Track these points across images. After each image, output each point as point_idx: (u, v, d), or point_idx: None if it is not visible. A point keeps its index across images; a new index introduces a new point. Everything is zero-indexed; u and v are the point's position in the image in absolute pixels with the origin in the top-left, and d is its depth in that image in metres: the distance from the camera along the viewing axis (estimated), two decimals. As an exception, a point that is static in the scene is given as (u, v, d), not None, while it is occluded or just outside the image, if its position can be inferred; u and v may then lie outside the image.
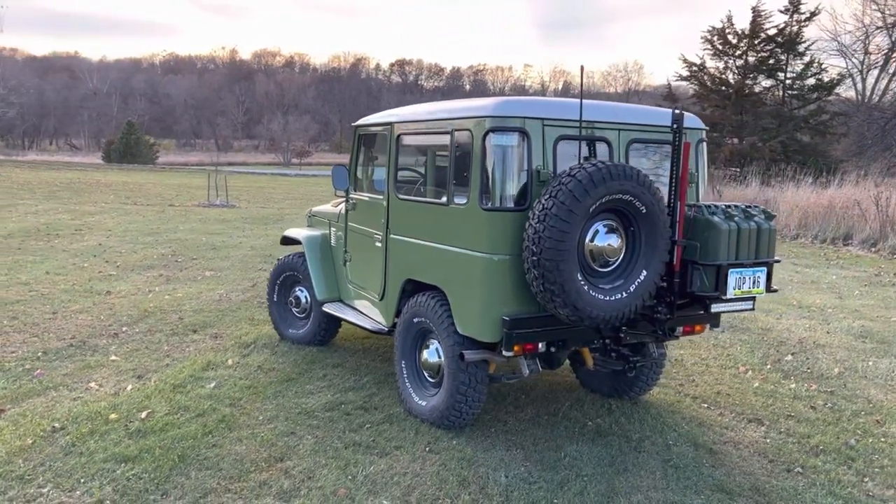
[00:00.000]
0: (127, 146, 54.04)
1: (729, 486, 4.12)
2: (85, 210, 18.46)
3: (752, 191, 20.42)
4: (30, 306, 7.69)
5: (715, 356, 6.79)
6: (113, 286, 8.98)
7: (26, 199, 20.59)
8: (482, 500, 3.82)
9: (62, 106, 77.54)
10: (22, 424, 4.48)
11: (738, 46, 25.24)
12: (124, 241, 13.15)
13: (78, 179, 30.84)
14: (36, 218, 16.20)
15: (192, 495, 3.70)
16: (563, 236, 3.81)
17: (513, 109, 4.23)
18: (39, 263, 10.35)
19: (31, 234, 13.41)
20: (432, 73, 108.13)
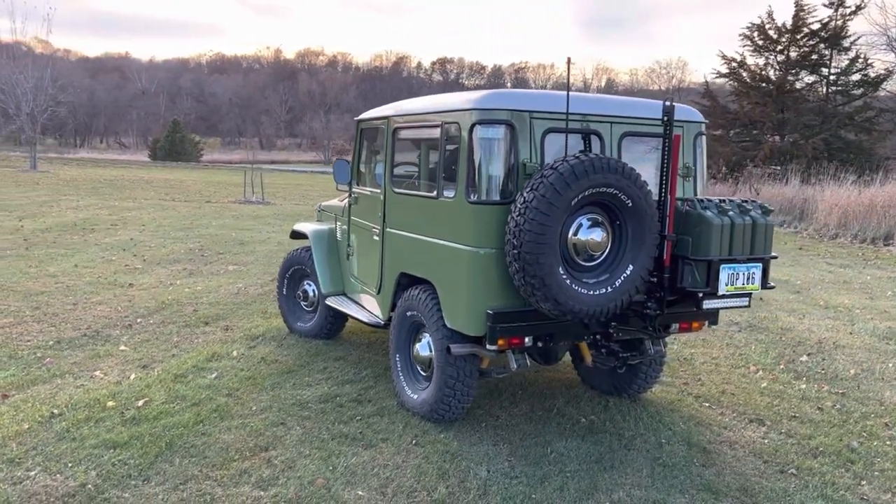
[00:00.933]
0: (172, 144, 55.16)
1: (716, 486, 4.04)
2: (123, 206, 18.89)
3: (791, 189, 19.96)
4: (53, 297, 7.91)
5: (727, 355, 6.65)
6: (136, 279, 9.18)
7: (69, 196, 21.16)
8: (459, 493, 3.81)
9: (112, 105, 79.51)
10: (22, 410, 4.62)
11: (780, 42, 24.68)
12: (156, 235, 13.43)
13: (122, 176, 31.59)
14: (75, 213, 16.64)
15: (172, 481, 3.77)
16: (543, 229, 3.78)
17: (499, 102, 4.20)
18: (70, 256, 10.63)
19: (68, 229, 13.78)
20: (473, 72, 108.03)
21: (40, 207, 17.50)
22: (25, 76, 31.64)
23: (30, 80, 31.64)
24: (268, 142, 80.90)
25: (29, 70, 31.93)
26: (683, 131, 4.73)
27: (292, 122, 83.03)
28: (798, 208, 19.15)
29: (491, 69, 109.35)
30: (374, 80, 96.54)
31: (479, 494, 3.80)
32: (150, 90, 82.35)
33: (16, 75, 31.56)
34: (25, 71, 31.83)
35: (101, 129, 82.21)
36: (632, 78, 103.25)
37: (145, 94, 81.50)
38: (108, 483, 3.70)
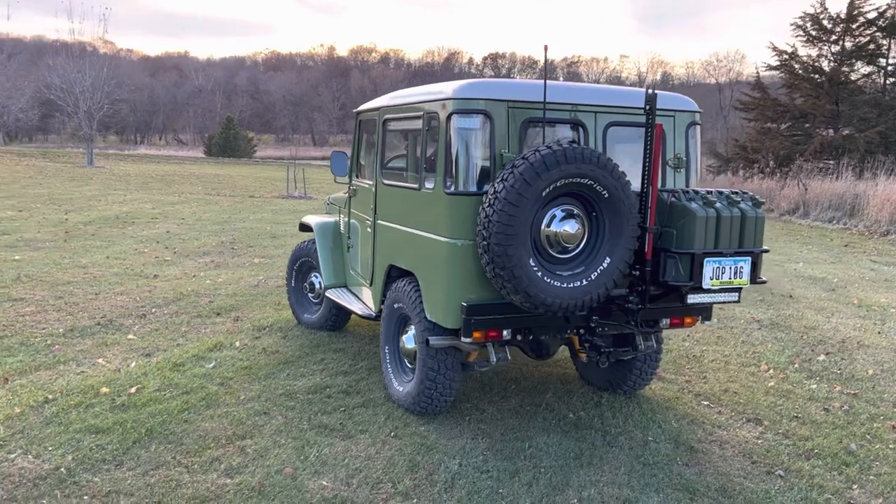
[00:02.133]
0: (226, 141, 56.24)
1: (695, 486, 3.92)
2: (168, 200, 19.36)
3: (842, 184, 19.27)
4: (78, 287, 8.14)
5: (739, 353, 6.46)
6: (162, 271, 9.39)
7: (118, 190, 21.78)
8: (425, 485, 3.79)
9: (170, 102, 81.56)
10: (19, 394, 4.76)
11: (834, 32, 23.81)
12: (192, 229, 13.72)
13: (173, 172, 32.37)
14: (120, 207, 17.12)
15: (144, 467, 3.84)
16: (511, 220, 3.72)
17: (475, 92, 4.15)
18: (104, 248, 10.93)
19: (109, 222, 14.18)
20: (525, 66, 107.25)
21: (88, 201, 18.06)
22: (83, 75, 32.70)
23: (87, 79, 32.68)
24: (320, 138, 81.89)
25: (86, 69, 32.98)
26: (674, 120, 4.60)
27: (344, 118, 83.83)
28: (848, 204, 18.48)
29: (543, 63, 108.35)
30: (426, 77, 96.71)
31: (445, 487, 3.77)
32: (206, 88, 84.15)
33: (74, 74, 32.63)
34: (83, 70, 32.89)
35: (159, 127, 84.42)
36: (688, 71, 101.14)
37: (202, 92, 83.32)
38: (82, 467, 3.79)
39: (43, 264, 9.38)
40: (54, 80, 33.23)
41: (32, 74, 42.44)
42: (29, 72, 46.15)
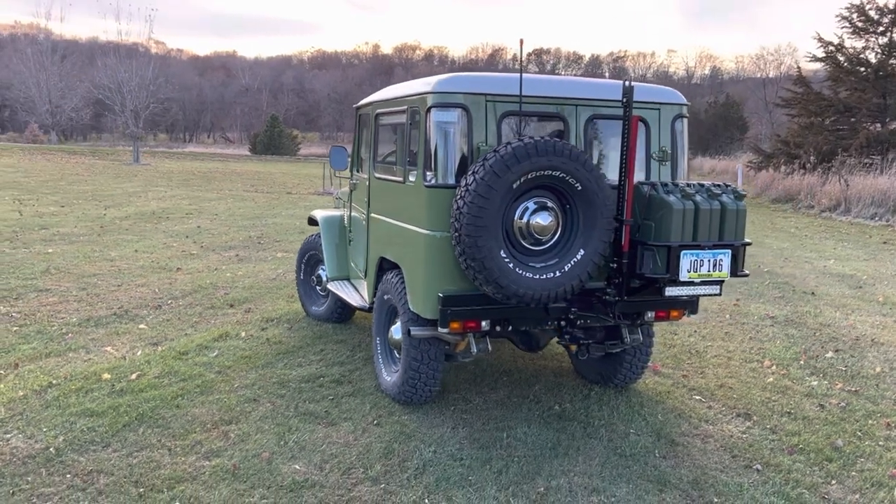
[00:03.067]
0: (271, 138, 57.11)
1: (667, 478, 3.92)
2: (205, 196, 19.81)
3: (886, 180, 18.74)
4: (102, 279, 8.43)
5: (744, 349, 6.39)
6: (186, 264, 9.65)
7: (160, 187, 22.36)
8: (396, 471, 3.87)
9: (218, 101, 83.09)
10: (26, 379, 4.98)
11: (881, 23, 23.12)
12: (223, 224, 14.04)
13: (215, 169, 33.05)
14: (158, 203, 17.59)
15: (129, 448, 4.00)
16: (481, 212, 3.77)
17: (453, 85, 4.21)
18: (134, 242, 11.28)
19: (144, 217, 14.60)
20: (570, 62, 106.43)
21: (129, 197, 18.59)
22: (130, 74, 33.63)
23: (134, 79, 33.60)
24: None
25: (133, 69, 33.91)
26: (660, 113, 4.59)
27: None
28: (892, 201, 17.97)
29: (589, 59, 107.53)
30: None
31: (415, 473, 3.84)
32: (253, 87, 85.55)
33: (121, 74, 33.58)
34: (130, 70, 33.83)
35: (207, 125, 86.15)
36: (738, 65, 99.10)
37: (248, 91, 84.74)
38: (70, 447, 3.97)
39: (73, 257, 9.73)
40: (103, 80, 34.22)
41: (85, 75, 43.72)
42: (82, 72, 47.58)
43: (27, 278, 8.27)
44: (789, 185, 21.90)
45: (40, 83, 43.19)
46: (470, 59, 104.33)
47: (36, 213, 14.47)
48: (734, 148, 44.73)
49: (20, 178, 23.03)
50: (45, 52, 44.55)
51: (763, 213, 19.51)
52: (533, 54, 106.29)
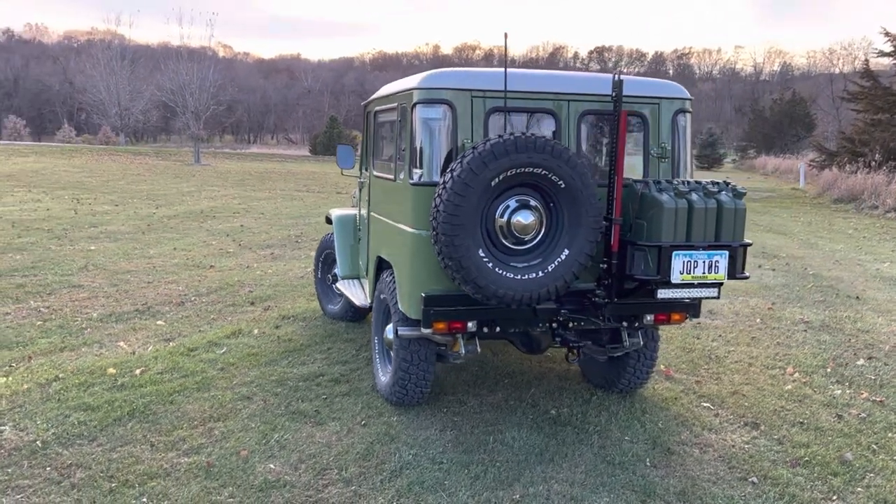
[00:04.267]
0: (330, 139, 57.84)
1: (653, 488, 3.76)
2: (256, 196, 20.17)
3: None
4: (135, 276, 8.64)
5: (769, 355, 6.11)
6: (219, 262, 9.82)
7: (214, 187, 22.88)
8: (371, 474, 3.81)
9: (282, 103, 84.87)
10: (34, 372, 5.12)
11: (954, 13, 21.94)
12: (267, 223, 14.25)
13: (272, 170, 33.65)
14: (209, 202, 17.98)
15: (113, 443, 4.05)
16: (457, 210, 3.68)
17: (439, 81, 4.13)
18: (175, 241, 11.53)
19: (192, 216, 14.94)
20: (633, 59, 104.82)
21: (182, 197, 19.07)
22: (191, 77, 34.59)
23: (195, 81, 34.55)
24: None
25: (194, 72, 34.86)
26: (659, 108, 4.42)
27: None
28: (963, 201, 17.08)
29: (652, 56, 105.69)
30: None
31: (389, 476, 3.78)
32: (315, 89, 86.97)
33: (183, 77, 34.56)
34: (191, 73, 34.79)
35: (271, 127, 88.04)
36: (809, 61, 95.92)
37: (311, 93, 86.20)
38: (58, 441, 4.04)
39: (113, 254, 10.00)
40: (166, 83, 35.30)
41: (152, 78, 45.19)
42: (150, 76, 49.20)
43: (64, 274, 8.54)
44: (853, 185, 21.00)
45: (110, 87, 44.82)
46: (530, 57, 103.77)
47: (90, 211, 14.96)
48: (801, 146, 43.24)
49: (84, 177, 23.89)
50: (114, 56, 46.21)
51: (822, 213, 18.75)
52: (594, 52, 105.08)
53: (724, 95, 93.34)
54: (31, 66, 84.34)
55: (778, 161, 38.89)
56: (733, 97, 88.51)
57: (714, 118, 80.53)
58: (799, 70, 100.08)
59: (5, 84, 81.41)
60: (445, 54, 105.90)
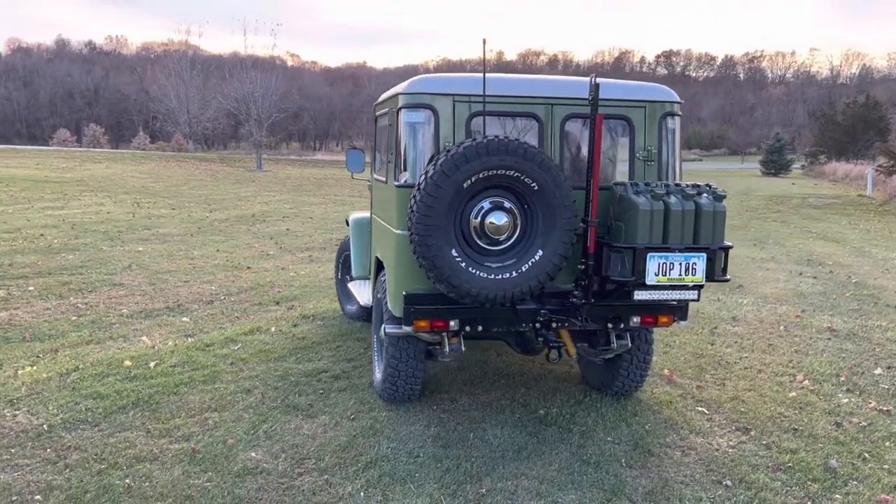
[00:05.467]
0: (391, 145, 58.62)
1: (621, 488, 3.78)
2: (309, 201, 20.68)
3: None
4: (174, 276, 9.03)
5: (781, 362, 6.00)
6: (257, 263, 10.15)
7: (271, 192, 23.53)
8: (346, 464, 3.94)
9: (346, 111, 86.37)
10: (58, 362, 5.45)
11: None
12: (312, 227, 14.62)
13: (331, 175, 34.35)
14: (262, 207, 18.53)
15: (113, 429, 4.30)
16: (429, 211, 3.79)
17: (422, 87, 4.25)
18: (220, 243, 11.96)
19: (242, 220, 15.43)
20: (702, 63, 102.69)
21: (237, 201, 19.70)
22: (254, 86, 35.65)
23: (258, 90, 35.59)
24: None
25: (257, 81, 35.92)
26: (645, 111, 4.44)
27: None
28: None
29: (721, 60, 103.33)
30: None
31: (363, 468, 3.91)
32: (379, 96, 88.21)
33: (247, 86, 35.64)
34: (255, 81, 35.85)
35: (336, 134, 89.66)
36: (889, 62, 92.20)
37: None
38: (63, 426, 4.32)
39: (158, 255, 10.46)
40: (231, 91, 36.46)
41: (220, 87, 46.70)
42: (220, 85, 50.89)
43: (108, 273, 8.99)
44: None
45: (180, 96, 46.52)
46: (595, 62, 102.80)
47: (148, 214, 15.63)
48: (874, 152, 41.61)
49: (149, 183, 24.90)
50: (184, 66, 47.95)
51: (885, 220, 18.06)
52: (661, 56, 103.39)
53: (796, 99, 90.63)
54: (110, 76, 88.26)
55: (849, 167, 37.54)
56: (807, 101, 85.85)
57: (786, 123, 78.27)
58: (879, 73, 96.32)
59: (86, 94, 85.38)
60: (509, 60, 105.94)
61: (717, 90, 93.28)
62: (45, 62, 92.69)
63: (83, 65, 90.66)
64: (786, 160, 44.96)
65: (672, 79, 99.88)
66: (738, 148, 77.27)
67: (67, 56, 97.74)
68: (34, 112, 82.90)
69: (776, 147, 44.42)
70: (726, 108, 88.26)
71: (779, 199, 25.08)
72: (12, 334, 6.19)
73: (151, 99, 55.79)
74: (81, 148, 49.72)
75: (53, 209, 15.71)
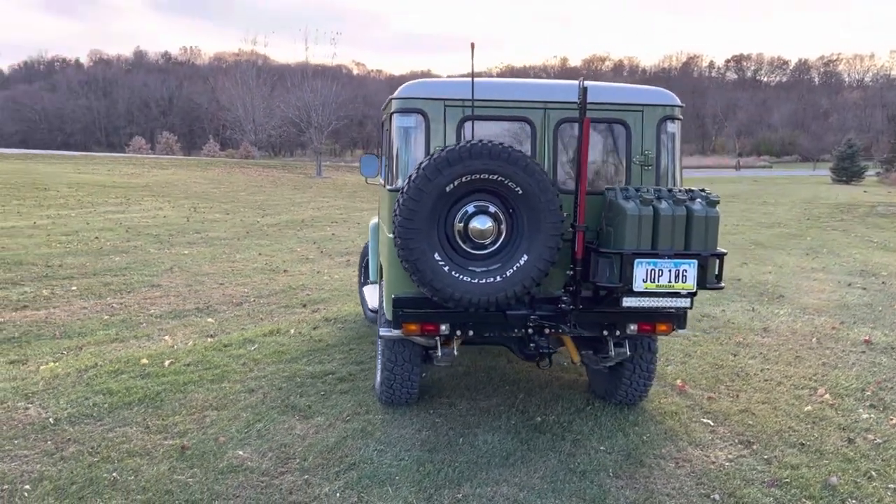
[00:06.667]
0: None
1: (603, 498, 3.70)
2: (360, 207, 20.94)
3: None
4: (211, 278, 9.27)
5: (805, 375, 5.78)
6: (294, 267, 10.34)
7: (326, 198, 23.93)
8: (329, 465, 3.97)
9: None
10: (79, 359, 5.66)
11: None
12: (357, 232, 14.81)
13: (388, 181, 34.67)
14: (313, 212, 18.86)
15: (114, 424, 4.44)
16: (412, 215, 3.81)
17: (413, 91, 4.29)
18: (264, 247, 12.23)
19: (291, 224, 15.75)
20: (774, 68, 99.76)
21: (290, 207, 20.11)
22: (315, 94, 36.36)
23: (318, 98, 36.29)
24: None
25: (318, 89, 36.62)
26: (642, 115, 4.35)
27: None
28: None
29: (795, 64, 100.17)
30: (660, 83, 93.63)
31: (345, 469, 3.94)
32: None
33: (308, 94, 36.38)
34: (315, 90, 36.57)
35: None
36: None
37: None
38: (69, 420, 4.48)
39: (201, 258, 10.76)
40: (293, 100, 37.29)
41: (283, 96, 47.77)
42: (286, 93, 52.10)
43: (150, 275, 9.30)
44: None
45: (246, 104, 47.75)
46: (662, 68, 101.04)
47: (202, 219, 16.09)
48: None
49: (210, 188, 25.63)
50: (250, 75, 49.24)
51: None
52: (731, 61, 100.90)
53: (875, 104, 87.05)
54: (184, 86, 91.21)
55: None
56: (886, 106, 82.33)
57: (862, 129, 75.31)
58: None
59: (161, 103, 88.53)
60: (573, 66, 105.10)
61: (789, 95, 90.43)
62: (124, 73, 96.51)
63: (159, 75, 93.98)
64: (858, 167, 43.17)
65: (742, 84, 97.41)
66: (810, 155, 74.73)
67: (144, 67, 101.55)
68: (113, 121, 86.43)
69: (848, 154, 42.73)
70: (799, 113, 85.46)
71: (845, 207, 24.14)
72: (45, 331, 6.47)
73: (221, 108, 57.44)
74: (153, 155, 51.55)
75: (114, 213, 16.33)
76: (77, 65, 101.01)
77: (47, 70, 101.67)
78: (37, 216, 14.82)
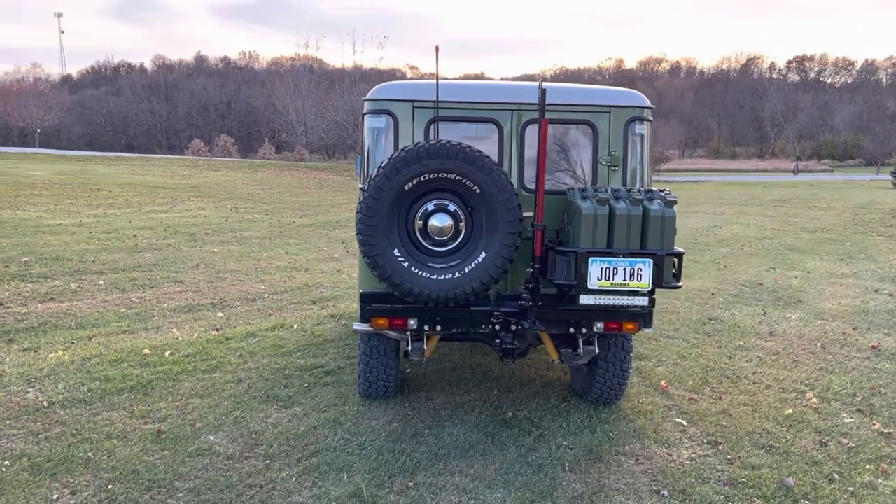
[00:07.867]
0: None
1: (551, 491, 3.78)
2: (398, 208, 21.16)
3: None
4: (234, 275, 9.58)
5: (797, 378, 5.71)
6: (316, 266, 10.59)
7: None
8: (292, 451, 4.14)
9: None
10: (86, 349, 5.97)
11: None
12: (388, 233, 15.01)
13: (433, 184, 34.87)
14: (351, 213, 19.13)
15: (102, 408, 4.70)
16: (371, 212, 3.94)
17: (382, 93, 4.43)
18: (292, 246, 12.53)
19: (325, 225, 16.06)
20: (839, 69, 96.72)
21: (329, 208, 20.47)
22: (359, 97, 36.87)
23: (363, 101, 36.81)
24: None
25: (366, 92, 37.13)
26: (610, 116, 4.40)
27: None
28: None
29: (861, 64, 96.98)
30: (719, 85, 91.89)
31: (306, 455, 4.10)
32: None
33: (355, 97, 36.88)
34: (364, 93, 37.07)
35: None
36: None
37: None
38: (62, 403, 4.76)
39: (228, 256, 11.11)
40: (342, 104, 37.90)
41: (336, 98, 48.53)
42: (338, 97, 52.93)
43: (175, 271, 9.66)
44: None
45: (298, 108, 48.70)
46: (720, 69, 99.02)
47: (241, 218, 16.53)
48: None
49: (256, 190, 26.25)
50: (302, 79, 50.20)
51: None
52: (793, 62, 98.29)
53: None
54: (242, 90, 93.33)
55: None
56: (959, 108, 79.04)
57: (932, 131, 72.34)
58: None
59: (220, 106, 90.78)
60: (629, 68, 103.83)
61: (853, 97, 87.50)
62: (185, 77, 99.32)
63: (218, 79, 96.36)
64: (917, 172, 41.56)
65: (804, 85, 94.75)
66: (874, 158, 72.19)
67: (205, 71, 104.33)
68: (173, 124, 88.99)
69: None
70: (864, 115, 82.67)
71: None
72: (63, 322, 6.82)
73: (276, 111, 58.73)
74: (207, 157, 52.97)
75: (158, 212, 16.91)
76: (141, 69, 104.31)
77: (113, 75, 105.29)
78: (84, 215, 15.46)
